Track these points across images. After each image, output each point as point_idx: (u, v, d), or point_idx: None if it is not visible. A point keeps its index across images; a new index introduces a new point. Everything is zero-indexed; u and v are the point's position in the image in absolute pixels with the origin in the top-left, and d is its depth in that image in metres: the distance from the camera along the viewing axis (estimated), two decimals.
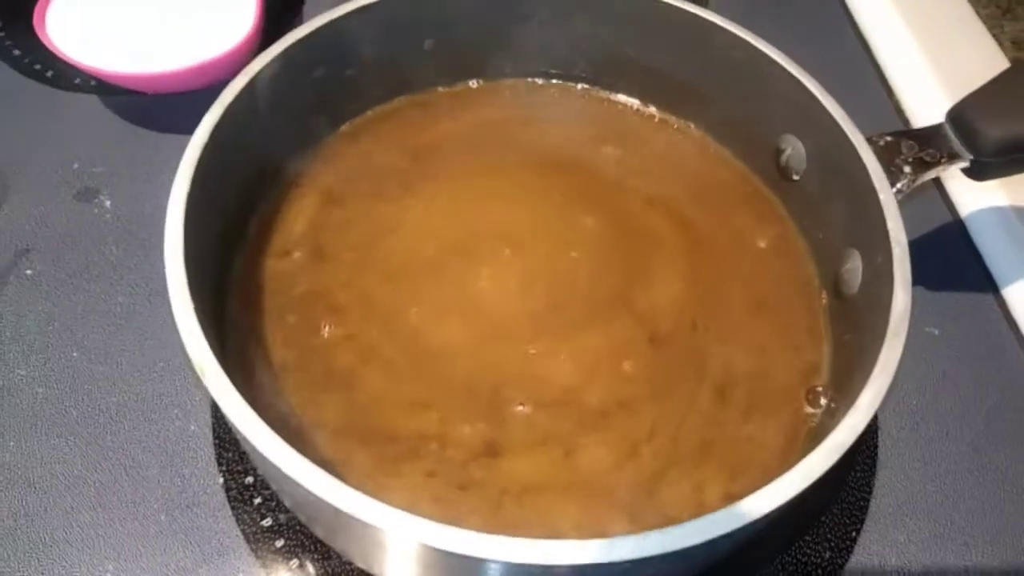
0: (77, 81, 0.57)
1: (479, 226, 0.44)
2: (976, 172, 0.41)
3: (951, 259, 0.53)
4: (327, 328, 0.40)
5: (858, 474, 0.44)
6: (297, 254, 0.43)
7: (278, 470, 0.28)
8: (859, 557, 0.41)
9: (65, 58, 0.51)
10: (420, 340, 0.40)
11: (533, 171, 0.47)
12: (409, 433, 0.37)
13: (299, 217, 0.44)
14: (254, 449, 0.29)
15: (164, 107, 0.55)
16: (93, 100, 0.56)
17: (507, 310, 0.41)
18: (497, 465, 0.37)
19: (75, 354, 0.45)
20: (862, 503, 0.43)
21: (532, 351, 0.40)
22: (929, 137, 0.40)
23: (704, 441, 0.38)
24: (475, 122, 0.49)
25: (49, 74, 0.57)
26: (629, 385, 0.39)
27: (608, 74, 0.50)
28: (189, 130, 0.53)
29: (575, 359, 0.40)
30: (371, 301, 0.41)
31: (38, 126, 0.55)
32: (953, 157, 0.40)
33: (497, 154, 0.48)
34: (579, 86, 0.51)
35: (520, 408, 0.38)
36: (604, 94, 0.50)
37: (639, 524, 0.36)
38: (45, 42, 0.52)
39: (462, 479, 0.36)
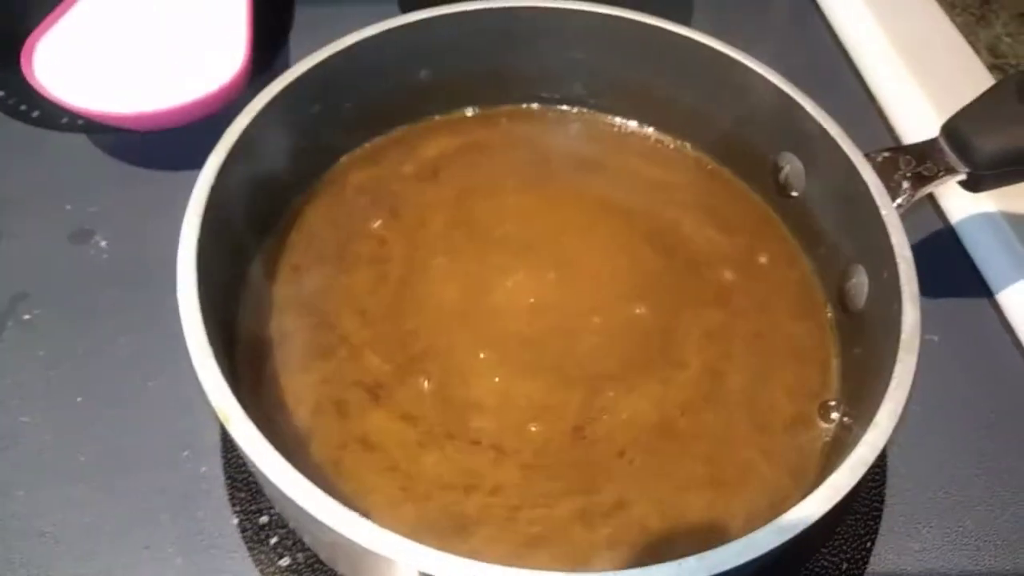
0: (64, 120, 0.56)
1: (483, 255, 0.44)
2: (972, 184, 0.42)
3: (945, 266, 0.54)
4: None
5: (869, 484, 0.44)
6: (305, 285, 0.43)
7: (308, 515, 0.28)
8: (875, 567, 0.42)
9: (53, 99, 0.51)
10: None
11: (531, 196, 0.47)
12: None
13: (303, 250, 0.44)
14: (283, 495, 0.28)
15: (155, 144, 0.54)
16: (82, 139, 0.56)
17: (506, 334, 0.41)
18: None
19: (79, 399, 0.44)
20: (875, 513, 0.43)
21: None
22: (925, 152, 0.41)
23: (719, 460, 0.39)
24: (472, 150, 0.49)
25: (35, 114, 0.57)
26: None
27: (604, 97, 0.50)
28: (181, 166, 0.53)
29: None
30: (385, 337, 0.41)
31: (27, 168, 0.54)
32: (950, 171, 0.41)
33: (495, 180, 0.48)
34: (576, 110, 0.51)
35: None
36: (601, 117, 0.51)
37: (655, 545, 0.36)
38: (32, 83, 0.51)
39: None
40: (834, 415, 0.40)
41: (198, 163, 0.38)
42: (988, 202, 0.53)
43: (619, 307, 0.43)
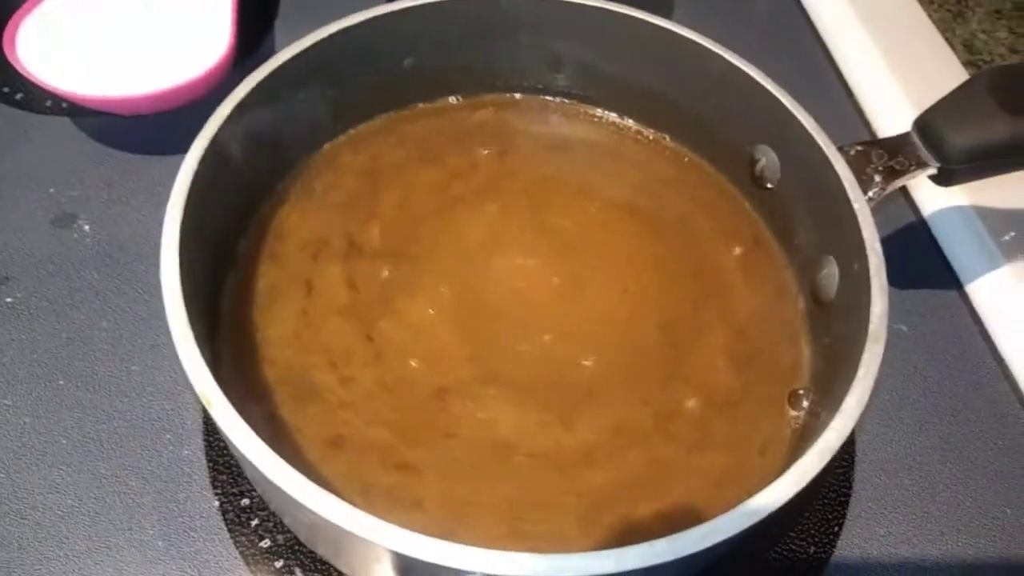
0: (48, 103, 0.56)
1: (463, 243, 0.45)
2: (943, 179, 0.43)
3: (916, 258, 0.55)
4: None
5: (837, 470, 0.45)
6: (287, 271, 0.43)
7: (291, 499, 0.29)
8: (842, 551, 0.43)
9: (36, 81, 0.51)
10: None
11: (511, 185, 0.48)
12: None
13: (287, 236, 0.44)
14: (265, 479, 0.29)
15: (139, 128, 0.55)
16: (65, 122, 0.55)
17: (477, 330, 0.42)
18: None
19: (61, 382, 0.45)
20: (843, 498, 0.44)
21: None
22: (897, 146, 0.42)
23: (687, 445, 0.40)
24: (454, 138, 0.50)
25: (18, 97, 0.57)
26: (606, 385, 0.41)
27: (585, 89, 0.51)
28: (165, 151, 0.54)
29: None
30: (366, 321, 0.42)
31: (9, 151, 0.54)
32: (921, 165, 0.42)
33: (477, 168, 0.48)
34: (557, 100, 0.51)
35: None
36: (582, 108, 0.51)
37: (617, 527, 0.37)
38: (15, 65, 0.51)
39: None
40: (804, 403, 0.41)
41: (183, 148, 0.38)
42: (959, 195, 0.55)
43: (593, 294, 0.44)
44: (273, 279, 0.43)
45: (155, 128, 0.54)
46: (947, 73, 0.62)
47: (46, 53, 0.52)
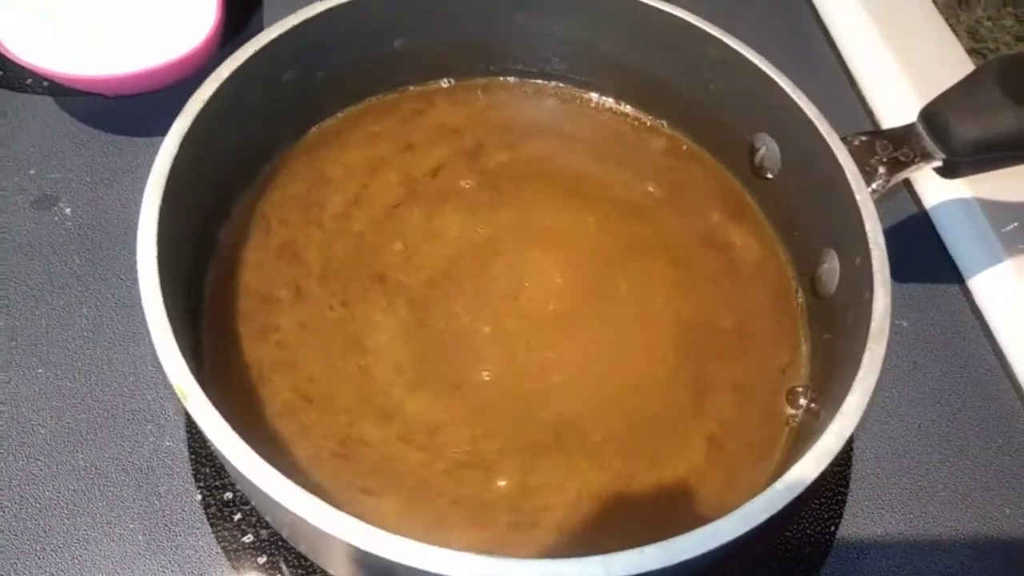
0: (29, 82, 0.55)
1: (457, 235, 0.44)
2: (948, 171, 0.41)
3: (917, 251, 0.54)
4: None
5: (835, 467, 0.44)
6: (270, 258, 0.42)
7: (266, 496, 0.28)
8: (838, 551, 0.42)
9: (16, 59, 0.49)
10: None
11: (504, 169, 0.47)
12: None
13: (271, 220, 0.43)
14: (240, 475, 0.28)
15: (123, 109, 0.53)
16: (47, 102, 0.54)
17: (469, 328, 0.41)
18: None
19: (40, 370, 0.44)
20: (840, 497, 0.44)
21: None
22: (902, 137, 0.41)
23: (683, 442, 0.39)
24: (446, 122, 0.48)
25: None
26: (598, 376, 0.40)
27: (582, 73, 0.49)
28: (149, 132, 0.52)
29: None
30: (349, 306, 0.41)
31: None
32: (926, 156, 0.40)
33: (468, 152, 0.47)
34: (552, 84, 0.50)
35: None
36: (578, 92, 0.50)
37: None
38: None
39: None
40: (802, 400, 0.40)
41: (168, 129, 0.36)
42: (963, 188, 0.53)
43: (589, 282, 0.43)
44: (256, 266, 0.42)
45: (140, 109, 0.53)
46: (951, 61, 0.61)
47: (27, 30, 0.51)
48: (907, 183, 0.56)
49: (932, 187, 0.55)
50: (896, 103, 0.58)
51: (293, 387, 0.38)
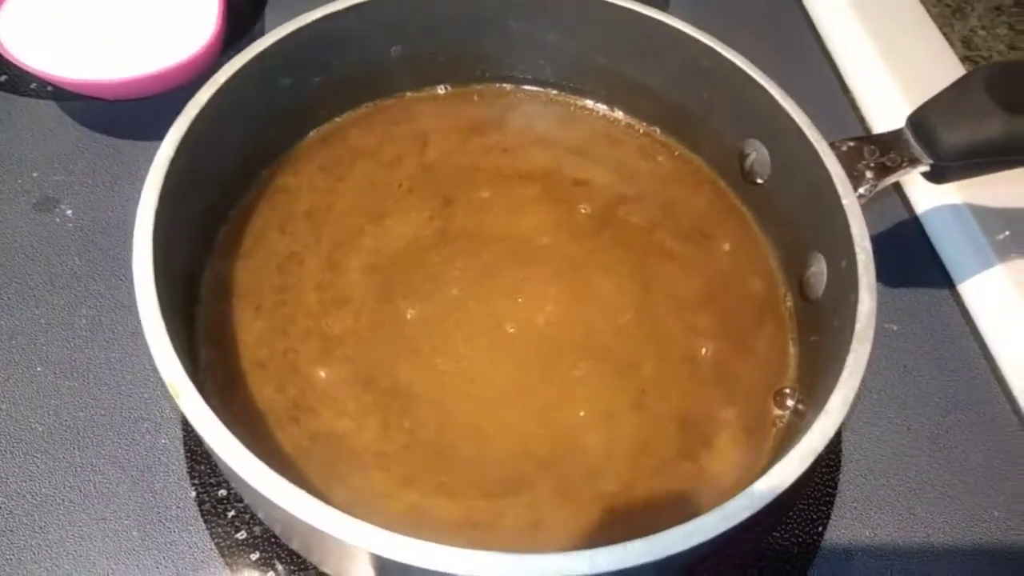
0: (33, 86, 0.55)
1: (450, 236, 0.44)
2: (936, 176, 0.42)
3: (908, 256, 0.54)
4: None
5: (823, 469, 0.45)
6: (267, 261, 0.43)
7: (258, 493, 0.28)
8: (826, 550, 0.42)
9: (20, 65, 0.50)
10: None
11: (499, 176, 0.47)
12: None
13: (269, 224, 0.44)
14: (233, 474, 0.28)
15: (125, 113, 0.54)
16: (51, 106, 0.55)
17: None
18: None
19: (39, 369, 0.44)
20: (828, 499, 0.44)
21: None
22: (890, 142, 0.41)
23: (671, 444, 0.39)
24: (442, 128, 0.49)
25: (2, 79, 0.56)
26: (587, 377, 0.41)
27: (575, 79, 0.50)
28: (151, 136, 0.52)
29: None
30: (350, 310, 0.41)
31: None
32: (914, 162, 0.41)
33: (462, 161, 0.48)
34: (546, 91, 0.51)
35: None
36: (571, 99, 0.51)
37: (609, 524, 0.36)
38: None
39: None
40: (789, 402, 0.40)
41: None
42: (953, 193, 0.54)
43: (581, 292, 0.43)
44: (252, 269, 0.42)
45: (142, 113, 0.54)
46: (944, 69, 0.62)
47: (31, 35, 0.52)
48: (898, 189, 0.57)
49: (923, 192, 0.55)
50: (889, 111, 0.58)
51: (288, 389, 0.39)
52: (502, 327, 0.41)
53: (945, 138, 0.40)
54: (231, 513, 0.41)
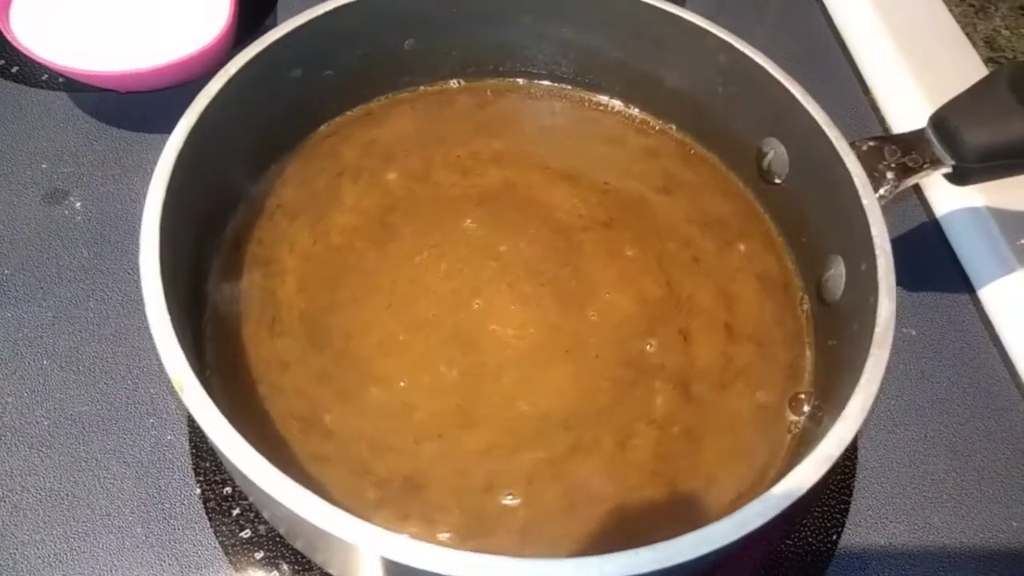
0: (44, 78, 0.55)
1: (462, 232, 0.44)
2: (958, 178, 0.41)
3: (927, 260, 0.53)
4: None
5: (838, 476, 0.44)
6: (276, 254, 0.42)
7: (262, 491, 0.28)
8: (840, 559, 0.42)
9: (32, 56, 0.50)
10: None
11: (512, 172, 0.47)
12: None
13: (278, 217, 0.43)
14: (236, 470, 0.28)
15: (136, 105, 0.54)
16: (62, 97, 0.54)
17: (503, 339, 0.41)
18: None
19: (45, 362, 0.44)
20: (843, 506, 0.43)
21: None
22: (911, 143, 0.40)
23: (687, 449, 0.38)
24: (454, 123, 0.48)
25: (14, 70, 0.56)
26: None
27: (591, 75, 0.49)
28: (161, 129, 0.52)
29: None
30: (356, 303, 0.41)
31: (2, 124, 0.53)
32: (935, 163, 0.40)
33: (476, 156, 0.47)
34: (561, 87, 0.50)
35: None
36: (587, 95, 0.50)
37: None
38: (10, 38, 0.50)
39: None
40: (805, 407, 0.39)
41: None
42: (974, 196, 0.53)
43: (596, 292, 0.42)
44: (261, 262, 0.42)
45: (152, 105, 0.53)
46: (967, 70, 0.60)
47: (43, 26, 0.52)
48: (918, 191, 0.56)
49: (943, 195, 0.54)
50: (910, 111, 0.57)
51: (295, 385, 0.38)
52: (526, 326, 0.41)
53: (967, 139, 0.39)
54: (236, 511, 0.40)
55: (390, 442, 0.37)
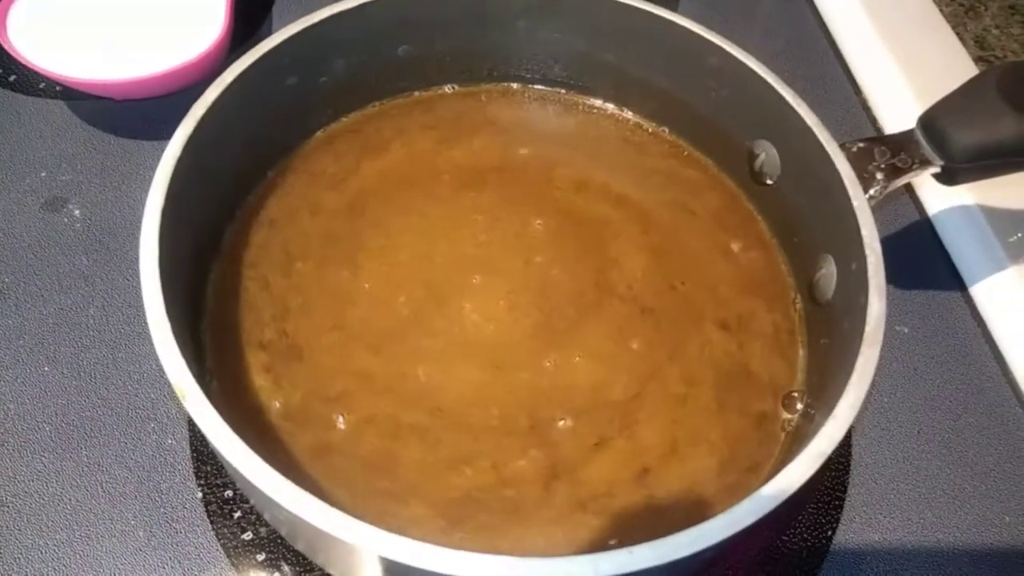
0: (41, 86, 0.56)
1: (453, 235, 0.44)
2: (947, 177, 0.41)
3: (919, 258, 0.54)
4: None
5: (833, 473, 0.44)
6: (274, 260, 0.42)
7: (264, 495, 0.28)
8: (835, 555, 0.42)
9: (29, 64, 0.50)
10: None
11: (505, 177, 0.47)
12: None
13: (276, 223, 0.44)
14: (239, 474, 0.28)
15: (133, 113, 0.54)
16: (59, 106, 0.55)
17: (508, 337, 0.41)
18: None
19: (47, 368, 0.44)
20: (837, 501, 0.44)
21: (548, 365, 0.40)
22: (901, 143, 0.41)
23: (679, 448, 0.39)
24: (449, 128, 0.49)
25: (12, 79, 0.56)
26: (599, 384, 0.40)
27: (584, 79, 0.50)
28: (159, 136, 0.53)
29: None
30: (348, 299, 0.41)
31: (1, 134, 0.53)
32: (924, 163, 0.41)
33: (469, 161, 0.47)
34: (555, 90, 0.51)
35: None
36: (580, 99, 0.50)
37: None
38: (7, 47, 0.51)
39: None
40: (798, 405, 0.40)
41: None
42: (965, 195, 0.53)
43: (590, 290, 0.43)
44: (259, 268, 0.42)
45: (150, 113, 0.54)
46: (957, 70, 0.61)
47: (39, 35, 0.52)
48: (910, 190, 0.56)
49: (935, 194, 0.55)
50: (901, 112, 0.58)
51: (294, 387, 0.39)
52: (511, 323, 0.41)
53: (956, 139, 0.40)
54: (237, 514, 0.41)
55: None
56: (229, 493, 0.41)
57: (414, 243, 0.44)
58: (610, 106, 0.50)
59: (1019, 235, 0.52)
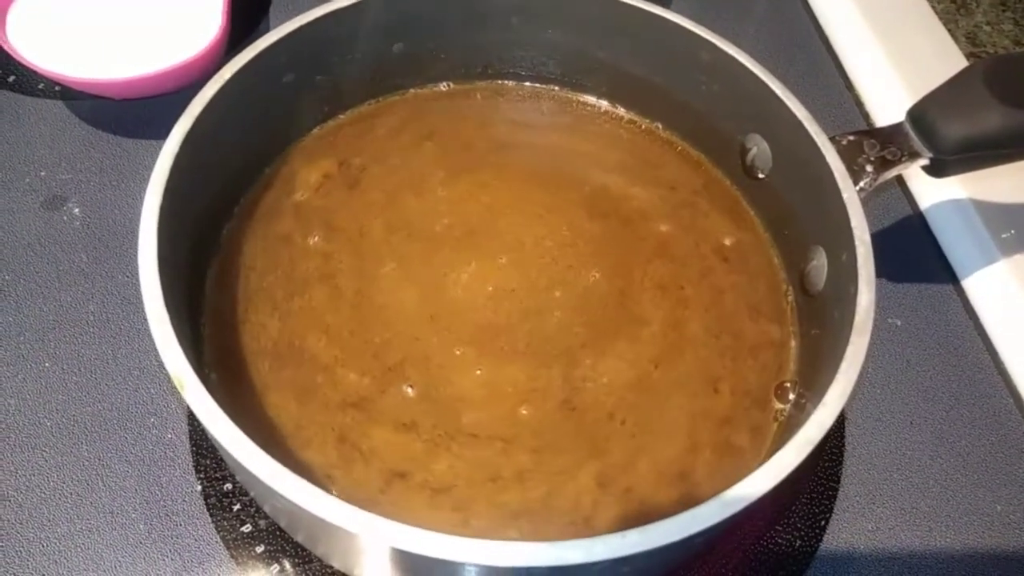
0: (40, 86, 0.56)
1: (448, 231, 0.45)
2: (936, 170, 0.42)
3: (911, 251, 0.54)
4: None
5: (826, 463, 0.45)
6: (271, 256, 0.43)
7: (263, 484, 0.28)
8: (828, 545, 0.43)
9: (28, 64, 0.50)
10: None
11: (500, 173, 0.47)
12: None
13: (273, 220, 0.44)
14: (237, 464, 0.29)
15: (132, 112, 0.54)
16: (58, 106, 0.55)
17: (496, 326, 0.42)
18: None
19: (47, 364, 0.45)
20: (830, 492, 0.44)
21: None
22: (890, 136, 0.42)
23: (673, 439, 0.39)
24: (444, 125, 0.49)
25: (11, 79, 0.56)
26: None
27: (578, 76, 0.50)
28: (158, 135, 0.53)
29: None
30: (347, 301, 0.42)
31: (1, 133, 0.54)
32: (914, 155, 0.41)
33: (465, 158, 0.48)
34: (549, 88, 0.51)
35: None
36: (574, 95, 0.51)
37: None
38: (6, 48, 0.51)
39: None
40: (790, 395, 0.40)
41: None
42: (957, 188, 0.54)
43: (580, 283, 0.43)
44: (257, 264, 0.43)
45: (148, 112, 0.54)
46: (949, 65, 0.61)
47: (38, 35, 0.52)
48: (902, 184, 0.57)
49: (926, 187, 0.55)
50: (892, 107, 0.58)
51: (292, 379, 0.39)
52: (504, 315, 0.42)
53: (944, 132, 0.40)
54: (236, 507, 0.41)
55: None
56: (228, 486, 0.42)
57: (409, 240, 0.44)
58: (603, 103, 0.51)
59: (1010, 229, 0.53)
